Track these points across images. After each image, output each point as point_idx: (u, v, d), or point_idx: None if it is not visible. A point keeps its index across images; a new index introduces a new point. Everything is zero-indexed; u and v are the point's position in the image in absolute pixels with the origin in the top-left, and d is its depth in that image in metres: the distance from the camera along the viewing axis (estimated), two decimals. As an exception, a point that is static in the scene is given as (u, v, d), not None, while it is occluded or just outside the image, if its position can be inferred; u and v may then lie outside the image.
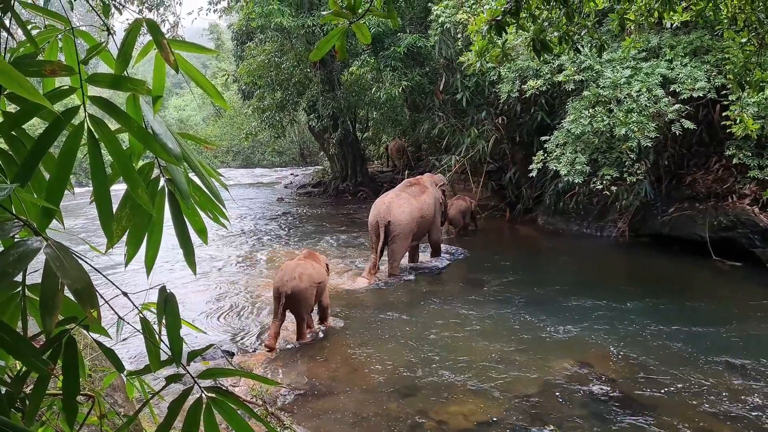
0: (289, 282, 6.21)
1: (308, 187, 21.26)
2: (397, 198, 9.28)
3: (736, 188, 9.80)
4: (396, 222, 8.94)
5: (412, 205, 9.22)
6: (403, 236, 9.04)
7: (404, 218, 9.00)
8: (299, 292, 6.22)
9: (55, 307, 1.03)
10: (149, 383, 2.03)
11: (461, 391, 5.26)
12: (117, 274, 2.77)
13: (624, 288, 8.52)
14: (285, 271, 6.40)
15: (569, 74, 9.70)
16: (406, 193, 9.47)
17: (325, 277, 6.73)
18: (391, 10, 1.74)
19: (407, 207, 9.13)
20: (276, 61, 16.37)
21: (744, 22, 4.71)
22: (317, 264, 6.67)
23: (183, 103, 39.52)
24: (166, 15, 15.06)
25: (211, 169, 1.36)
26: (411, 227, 9.11)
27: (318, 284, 6.46)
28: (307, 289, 6.29)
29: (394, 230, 8.95)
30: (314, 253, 7.11)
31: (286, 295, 6.17)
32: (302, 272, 6.32)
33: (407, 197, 9.34)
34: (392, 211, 9.00)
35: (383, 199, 9.40)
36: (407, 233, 9.09)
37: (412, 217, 9.10)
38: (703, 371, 5.57)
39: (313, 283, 6.37)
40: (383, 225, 8.90)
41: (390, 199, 9.31)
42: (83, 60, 1.28)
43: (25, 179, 1.21)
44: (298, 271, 6.33)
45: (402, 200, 9.22)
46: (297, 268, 6.37)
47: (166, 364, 1.38)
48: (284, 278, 6.27)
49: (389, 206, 9.08)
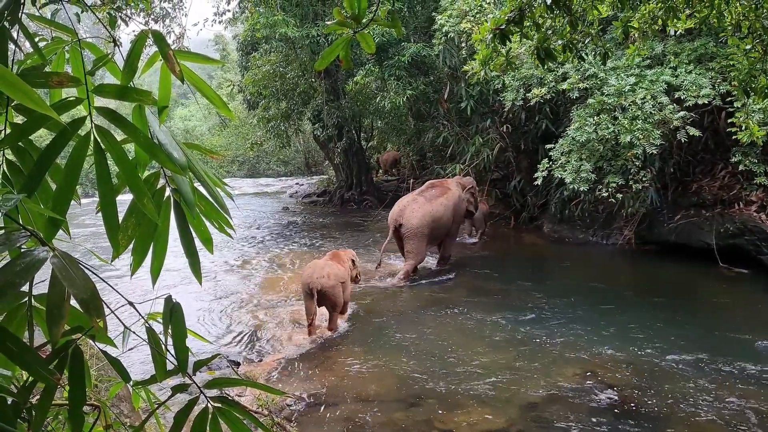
0: (318, 279, 6.73)
1: (313, 197, 21.28)
2: (413, 201, 9.48)
3: (742, 195, 9.76)
4: (406, 225, 9.16)
5: (425, 209, 9.32)
6: (415, 239, 9.19)
7: (414, 222, 9.17)
8: (327, 288, 6.77)
9: (61, 316, 1.03)
10: (155, 393, 2.03)
11: (467, 400, 5.23)
12: (123, 284, 2.78)
13: (630, 296, 8.49)
14: (314, 269, 6.91)
15: (573, 82, 9.71)
16: (423, 197, 9.62)
17: (347, 276, 7.27)
18: (395, 20, 1.74)
19: (419, 211, 9.26)
20: (281, 71, 16.44)
21: (748, 29, 4.71)
22: (341, 265, 7.24)
23: (189, 113, 39.73)
24: (172, 26, 15.17)
25: (216, 179, 1.37)
26: (422, 231, 9.22)
27: (343, 282, 7.07)
28: (335, 286, 6.86)
29: (405, 233, 9.19)
30: (338, 252, 7.63)
31: (318, 291, 6.70)
32: (329, 270, 6.90)
33: (422, 201, 9.49)
34: (404, 214, 9.23)
35: (400, 201, 9.67)
36: (419, 236, 9.21)
37: (422, 221, 9.20)
38: (710, 379, 5.53)
39: (339, 281, 6.95)
40: (395, 227, 9.21)
41: (406, 201, 9.54)
42: (89, 71, 1.29)
43: (32, 190, 1.22)
44: (326, 270, 6.89)
45: (416, 204, 9.40)
46: (325, 266, 6.96)
47: (172, 374, 1.38)
48: (313, 276, 6.78)
49: (403, 209, 9.32)
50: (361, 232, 13.93)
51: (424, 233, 9.28)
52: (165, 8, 14.81)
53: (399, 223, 9.15)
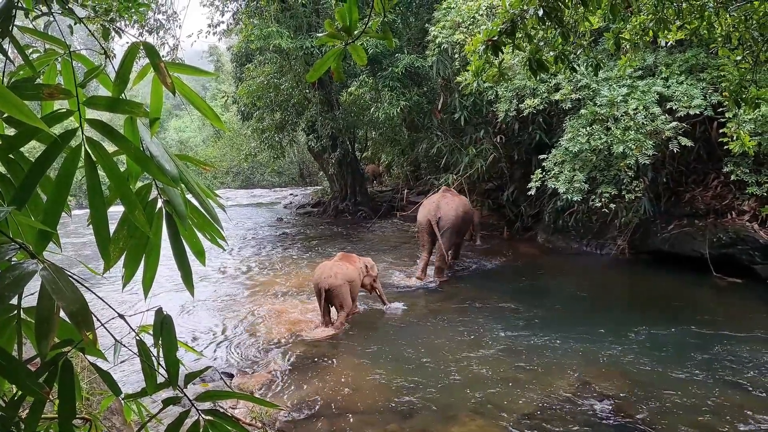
0: (326, 279, 7.20)
1: (308, 207, 21.27)
2: (443, 198, 10.37)
3: (735, 205, 9.81)
4: (445, 217, 10.00)
5: (457, 203, 10.33)
6: (451, 231, 10.08)
7: (452, 213, 10.07)
8: (335, 287, 7.20)
9: (50, 329, 1.03)
10: (147, 406, 2.02)
11: (462, 411, 5.21)
12: (115, 296, 2.77)
13: (624, 305, 8.50)
14: (323, 270, 7.38)
15: (566, 93, 9.76)
16: (450, 194, 10.63)
17: (357, 276, 7.65)
18: (386, 32, 1.75)
19: (453, 204, 10.23)
20: (275, 82, 16.47)
21: (738, 40, 4.76)
22: (350, 265, 7.64)
23: (183, 124, 39.73)
24: (166, 38, 15.22)
25: (208, 190, 1.37)
26: (458, 223, 10.17)
27: (351, 282, 7.44)
28: (342, 286, 7.27)
29: (444, 225, 9.97)
30: (349, 255, 8.03)
31: (325, 290, 7.15)
32: (337, 271, 7.33)
33: (451, 196, 10.50)
34: (441, 208, 10.07)
35: (431, 200, 10.53)
36: (456, 228, 10.15)
37: (457, 215, 10.14)
38: (705, 388, 5.53)
39: (347, 281, 7.35)
40: (435, 222, 9.94)
41: (437, 198, 10.41)
42: (80, 83, 1.28)
43: (22, 202, 1.21)
44: (334, 270, 7.33)
45: (448, 199, 10.34)
46: (333, 267, 7.39)
47: (164, 386, 1.37)
48: (322, 276, 7.26)
49: (438, 204, 10.16)
50: (355, 243, 13.91)
51: (459, 225, 10.23)
52: (159, 20, 14.86)
53: (438, 217, 9.96)
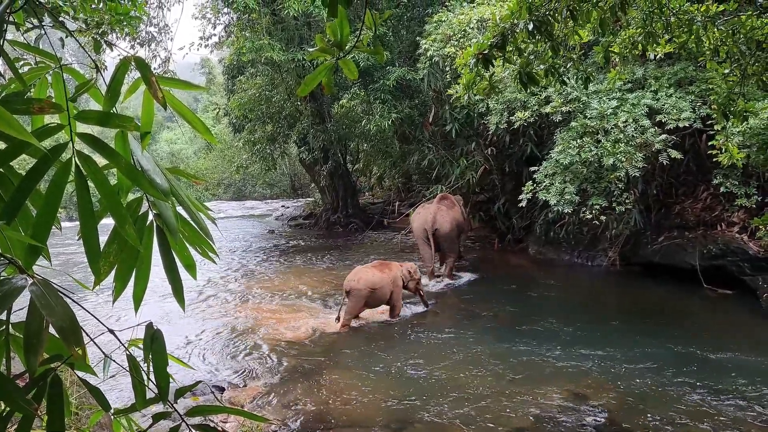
0: (349, 282, 7.92)
1: (299, 219, 21.24)
2: (438, 210, 11.07)
3: (724, 216, 9.86)
4: (441, 228, 10.80)
5: (451, 215, 11.10)
6: (450, 240, 10.97)
7: (447, 226, 10.88)
8: (354, 291, 7.86)
9: (39, 345, 1.02)
10: (137, 421, 2.00)
11: (454, 425, 5.19)
12: (105, 310, 2.75)
13: (616, 317, 8.51)
14: (353, 273, 8.12)
15: (556, 105, 9.82)
16: (444, 206, 11.26)
17: (387, 283, 8.14)
18: (377, 46, 1.76)
19: (448, 216, 11.01)
20: (267, 95, 16.51)
21: (726, 53, 4.81)
22: (380, 272, 8.15)
23: (174, 136, 39.71)
24: (158, 50, 15.22)
25: (199, 204, 1.36)
26: (454, 233, 11.04)
27: (375, 289, 7.97)
28: (361, 290, 7.85)
29: (441, 234, 10.81)
30: (386, 263, 8.60)
31: (346, 292, 7.89)
32: (362, 276, 7.97)
33: (445, 209, 11.18)
34: (437, 220, 10.83)
35: (428, 210, 11.21)
36: (453, 237, 11.03)
37: (452, 224, 10.97)
38: (695, 399, 5.54)
39: (369, 287, 7.89)
40: (431, 232, 10.74)
41: (434, 209, 11.07)
42: (71, 97, 1.28)
43: (11, 216, 1.20)
44: (359, 275, 8.01)
45: (443, 212, 11.07)
46: (359, 272, 8.11)
47: (154, 401, 1.36)
48: (348, 278, 8.01)
49: (434, 217, 10.89)
50: (347, 255, 13.89)
51: (456, 232, 11.08)
52: (151, 32, 14.87)
53: (435, 228, 10.75)
